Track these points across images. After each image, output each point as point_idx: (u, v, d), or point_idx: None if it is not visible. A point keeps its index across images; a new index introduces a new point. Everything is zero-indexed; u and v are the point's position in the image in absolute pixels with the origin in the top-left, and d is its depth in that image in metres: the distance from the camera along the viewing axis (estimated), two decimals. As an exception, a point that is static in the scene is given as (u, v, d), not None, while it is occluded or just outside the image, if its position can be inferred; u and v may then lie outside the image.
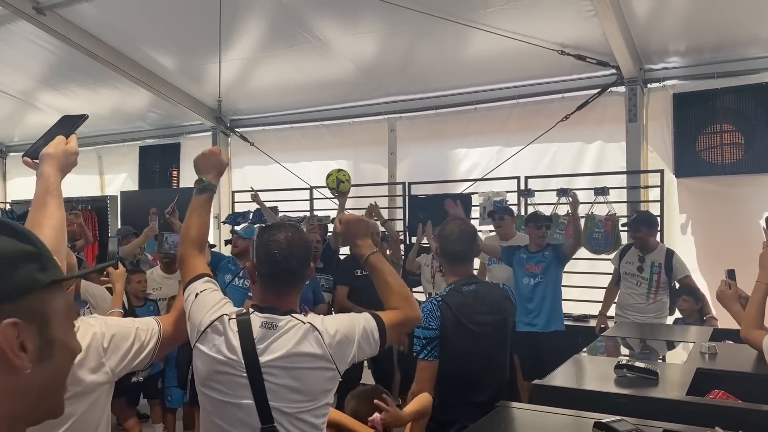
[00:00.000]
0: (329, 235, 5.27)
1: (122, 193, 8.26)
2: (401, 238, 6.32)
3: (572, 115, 5.83)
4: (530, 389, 4.53)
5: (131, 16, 6.14)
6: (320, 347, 1.70)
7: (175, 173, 8.18)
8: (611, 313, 5.08)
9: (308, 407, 1.71)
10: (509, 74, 6.16)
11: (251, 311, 1.77)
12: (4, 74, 7.60)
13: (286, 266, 1.78)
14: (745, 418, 2.07)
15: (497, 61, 5.91)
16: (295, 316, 1.75)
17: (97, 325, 1.50)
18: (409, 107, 6.88)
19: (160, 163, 8.44)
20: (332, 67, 6.38)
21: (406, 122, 6.97)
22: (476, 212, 6.15)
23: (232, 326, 1.73)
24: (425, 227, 5.40)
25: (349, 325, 1.78)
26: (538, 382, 2.43)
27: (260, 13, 5.79)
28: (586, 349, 3.11)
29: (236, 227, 4.89)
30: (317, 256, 4.83)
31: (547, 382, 2.44)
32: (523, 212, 6.00)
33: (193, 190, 1.98)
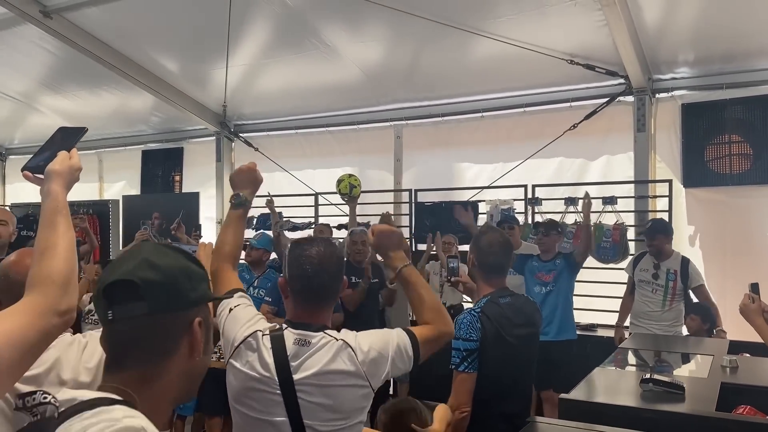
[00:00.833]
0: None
1: (124, 197, 8.20)
2: (408, 245, 6.29)
3: (580, 124, 5.83)
4: (540, 398, 4.58)
5: (138, 19, 6.11)
6: (353, 364, 1.68)
7: (177, 178, 8.13)
8: (626, 323, 5.07)
9: (342, 425, 1.69)
10: (517, 82, 6.15)
11: (284, 327, 1.75)
12: (5, 76, 7.53)
13: (318, 282, 1.76)
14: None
15: (505, 69, 5.91)
16: (328, 332, 1.73)
17: None
18: (415, 114, 6.86)
19: (162, 167, 8.40)
20: (339, 73, 6.36)
21: (412, 129, 6.95)
22: (482, 220, 6.13)
23: (265, 343, 1.71)
24: (434, 236, 5.37)
25: (383, 341, 1.76)
26: (564, 396, 2.41)
27: (268, 18, 5.77)
28: (606, 361, 3.09)
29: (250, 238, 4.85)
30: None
31: (574, 396, 2.43)
32: (530, 221, 5.99)
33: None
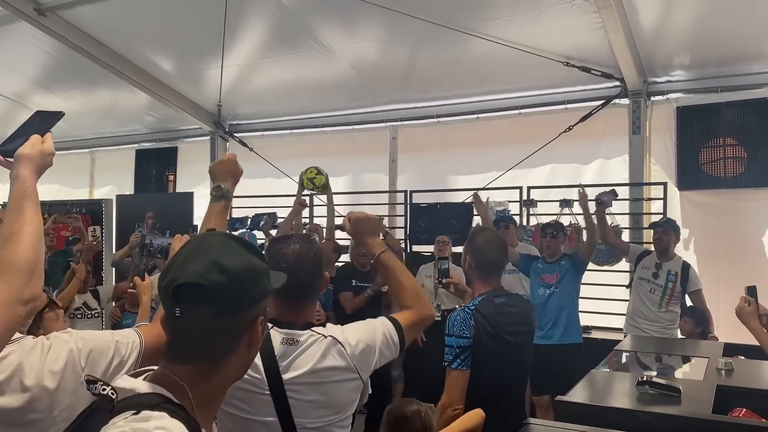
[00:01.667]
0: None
1: (118, 196, 8.14)
2: (402, 246, 6.27)
3: (575, 126, 5.84)
4: (533, 403, 4.52)
5: (132, 18, 6.07)
6: (344, 359, 1.69)
7: (171, 177, 8.10)
8: (619, 324, 5.06)
9: (335, 419, 1.70)
10: (512, 84, 6.16)
11: (270, 327, 1.73)
12: (-2, 75, 7.48)
13: (294, 281, 1.73)
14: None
15: (501, 70, 5.91)
16: (315, 330, 1.73)
17: (72, 341, 1.39)
18: (411, 115, 6.85)
19: (156, 167, 8.36)
20: (334, 73, 6.34)
21: (407, 130, 6.94)
22: (477, 221, 6.12)
23: None
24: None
25: (369, 332, 1.78)
26: (561, 398, 2.41)
27: (264, 18, 5.74)
28: (601, 363, 3.09)
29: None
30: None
31: (569, 398, 2.42)
32: (525, 222, 5.99)
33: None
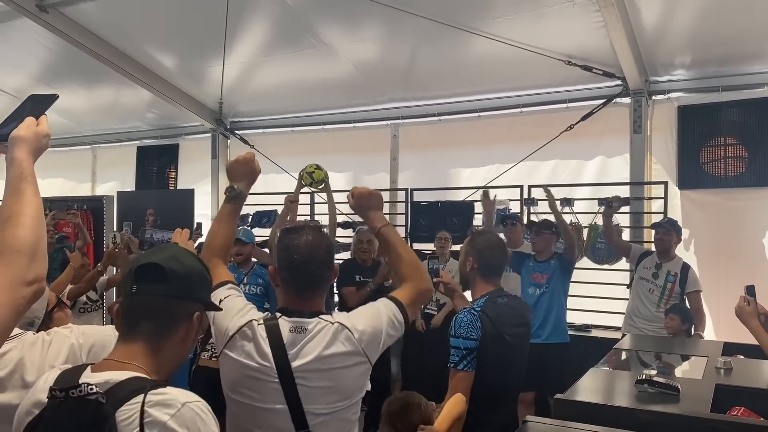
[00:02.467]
0: None
1: (119, 193, 8.16)
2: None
3: (576, 125, 5.83)
4: (525, 400, 4.53)
5: (134, 15, 6.07)
6: (352, 344, 1.72)
7: (172, 174, 8.10)
8: (619, 323, 5.07)
9: (344, 405, 1.73)
10: (514, 83, 6.15)
11: (279, 315, 1.75)
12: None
13: (306, 271, 1.77)
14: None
15: (502, 69, 5.90)
16: (322, 317, 1.75)
17: (73, 336, 1.42)
18: (412, 113, 6.85)
19: (157, 163, 8.36)
20: (335, 71, 6.34)
21: (408, 128, 6.94)
22: (478, 220, 6.13)
23: (261, 332, 1.72)
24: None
25: (375, 316, 1.81)
26: (560, 396, 2.41)
27: (266, 15, 5.74)
28: (601, 362, 3.10)
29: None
30: None
31: (569, 396, 2.43)
32: (525, 221, 5.99)
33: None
